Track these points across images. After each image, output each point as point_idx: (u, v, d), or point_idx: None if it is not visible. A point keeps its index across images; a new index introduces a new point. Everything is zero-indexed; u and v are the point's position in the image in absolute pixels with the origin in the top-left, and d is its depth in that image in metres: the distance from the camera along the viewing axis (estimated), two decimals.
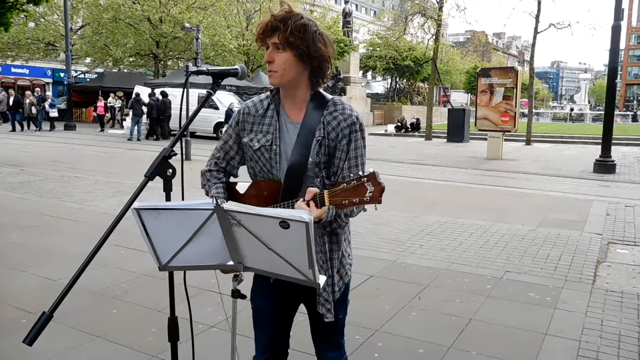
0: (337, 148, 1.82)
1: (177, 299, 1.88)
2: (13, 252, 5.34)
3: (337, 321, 2.00)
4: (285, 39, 1.72)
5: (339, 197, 1.60)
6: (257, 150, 1.85)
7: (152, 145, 18.04)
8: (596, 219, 7.39)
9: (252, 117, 1.89)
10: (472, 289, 4.48)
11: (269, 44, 1.76)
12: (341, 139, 1.81)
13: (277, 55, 1.75)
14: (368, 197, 1.57)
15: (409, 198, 8.14)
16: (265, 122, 1.87)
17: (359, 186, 1.58)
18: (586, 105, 72.84)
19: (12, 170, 11.10)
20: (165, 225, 1.52)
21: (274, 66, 1.76)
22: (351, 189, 1.58)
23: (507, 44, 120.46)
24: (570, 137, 25.12)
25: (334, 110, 1.83)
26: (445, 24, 44.52)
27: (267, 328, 2.00)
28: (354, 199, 1.58)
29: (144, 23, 29.04)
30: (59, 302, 1.37)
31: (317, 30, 1.76)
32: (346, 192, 1.59)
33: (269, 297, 1.96)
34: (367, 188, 1.57)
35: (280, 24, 1.71)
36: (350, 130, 1.82)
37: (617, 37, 13.03)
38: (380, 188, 1.56)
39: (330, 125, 1.81)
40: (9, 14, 14.19)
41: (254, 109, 1.90)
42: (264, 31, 1.74)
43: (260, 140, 1.85)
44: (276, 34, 1.73)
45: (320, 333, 2.04)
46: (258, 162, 1.86)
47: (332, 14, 39.88)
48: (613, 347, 3.42)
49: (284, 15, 1.73)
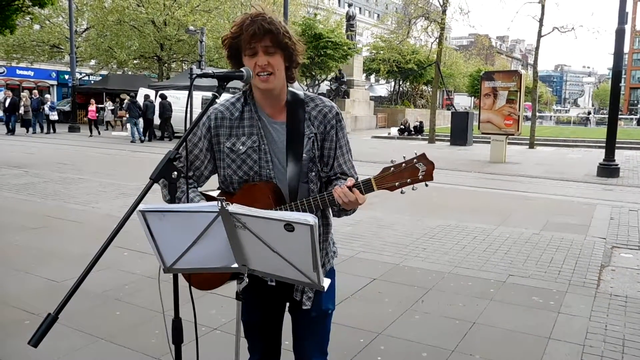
0: (326, 139, 1.88)
1: (181, 301, 1.88)
2: (17, 254, 5.35)
3: (324, 315, 1.95)
4: (279, 42, 1.71)
5: (389, 181, 1.71)
6: (244, 154, 1.81)
7: (151, 147, 18.07)
8: (600, 222, 7.37)
9: (229, 121, 1.83)
10: (475, 293, 4.48)
11: (257, 48, 1.70)
12: (329, 129, 1.88)
13: (271, 59, 1.72)
14: (422, 175, 1.71)
15: (412, 201, 8.13)
16: (245, 125, 1.82)
17: (410, 167, 1.70)
18: (584, 109, 72.69)
19: (16, 172, 11.14)
20: (170, 227, 1.52)
21: (270, 69, 1.72)
22: (403, 171, 1.70)
23: (510, 48, 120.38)
24: (573, 140, 25.06)
25: (314, 105, 1.88)
26: (449, 27, 44.57)
27: (258, 337, 2.02)
28: (407, 180, 1.71)
29: (149, 26, 29.15)
30: (64, 303, 1.38)
31: (288, 29, 1.75)
32: (396, 175, 1.71)
33: (255, 307, 1.95)
34: (419, 168, 1.70)
35: (271, 26, 1.68)
36: (336, 120, 1.90)
37: (621, 41, 13.00)
38: (432, 166, 1.71)
39: (318, 120, 1.87)
40: (14, 17, 14.28)
41: (228, 112, 1.84)
42: (254, 34, 1.67)
43: (246, 142, 1.81)
44: (267, 37, 1.69)
45: (305, 331, 1.96)
46: (242, 166, 1.82)
47: (335, 16, 39.94)
48: (617, 351, 3.41)
49: (269, 18, 1.69)
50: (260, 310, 1.97)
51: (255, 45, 1.70)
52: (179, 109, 21.33)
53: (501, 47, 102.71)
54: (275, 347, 2.08)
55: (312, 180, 1.86)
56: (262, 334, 2.02)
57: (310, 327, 1.95)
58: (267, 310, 1.99)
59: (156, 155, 13.48)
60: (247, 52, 1.72)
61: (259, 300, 1.95)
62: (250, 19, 1.69)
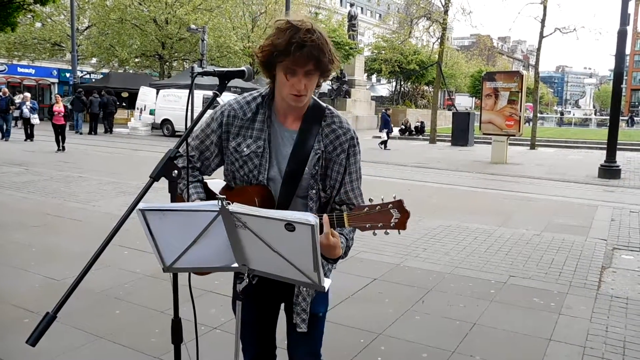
0: (335, 162, 1.82)
1: (181, 300, 1.87)
2: (16, 252, 5.35)
3: (316, 318, 1.94)
4: (322, 67, 1.68)
5: (361, 221, 1.63)
6: (246, 156, 1.80)
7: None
8: (601, 224, 7.35)
9: (240, 121, 1.82)
10: (476, 294, 4.46)
11: (298, 70, 1.66)
12: (340, 153, 1.82)
13: (309, 81, 1.69)
14: (394, 223, 1.61)
15: (412, 201, 8.04)
16: (255, 127, 1.81)
17: (385, 212, 1.61)
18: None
19: (17, 169, 11.14)
20: (170, 226, 1.51)
21: (304, 92, 1.70)
22: (376, 213, 1.61)
23: (512, 48, 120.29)
24: (574, 142, 25.04)
25: (331, 122, 1.83)
26: (451, 28, 44.50)
27: (252, 337, 2.01)
28: (378, 224, 1.62)
29: (150, 24, 29.17)
30: (62, 302, 1.37)
31: (330, 41, 1.71)
32: (370, 216, 1.62)
33: (250, 307, 1.92)
34: (393, 214, 1.61)
35: (320, 54, 1.64)
36: (349, 144, 1.83)
37: (623, 42, 12.97)
38: (407, 215, 1.61)
39: (329, 139, 1.81)
40: (16, 14, 14.29)
41: (241, 112, 1.82)
42: (299, 59, 1.62)
43: (251, 146, 1.80)
44: (311, 62, 1.65)
45: (297, 334, 1.94)
46: (243, 167, 1.81)
47: (337, 16, 39.95)
48: (618, 353, 3.40)
49: (318, 42, 1.63)
50: (257, 309, 1.97)
51: (296, 69, 1.66)
52: (180, 107, 21.35)
53: (503, 47, 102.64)
54: (270, 348, 2.08)
55: (311, 198, 1.82)
56: (257, 334, 2.02)
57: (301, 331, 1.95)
58: (261, 311, 1.98)
59: (158, 154, 13.46)
60: (287, 70, 1.67)
61: (256, 299, 1.94)
62: (299, 40, 1.61)
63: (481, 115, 17.30)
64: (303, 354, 2.00)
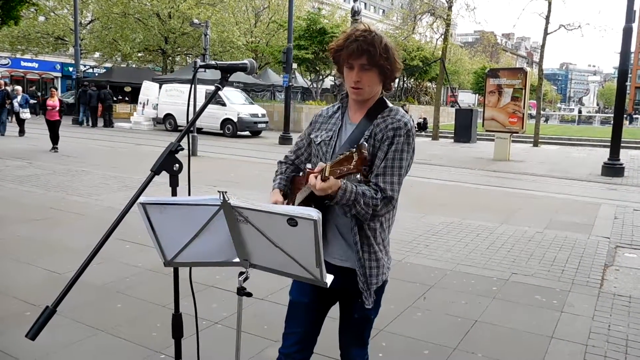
0: (380, 149, 1.89)
1: (182, 294, 1.86)
2: (19, 245, 5.35)
3: (367, 319, 2.14)
4: (375, 62, 1.84)
5: (334, 167, 1.64)
6: (318, 145, 2.05)
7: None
8: (604, 222, 7.33)
9: (322, 118, 2.12)
10: (478, 291, 4.45)
11: (354, 64, 1.86)
12: (384, 139, 1.89)
13: (365, 75, 1.87)
14: (352, 166, 1.58)
15: (415, 198, 8.10)
16: (331, 122, 2.07)
17: (349, 156, 1.60)
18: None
19: (20, 163, 11.15)
20: (171, 220, 1.50)
21: (361, 84, 1.88)
22: (343, 159, 1.62)
23: (516, 45, 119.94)
24: (578, 139, 24.98)
25: (387, 116, 1.94)
26: (454, 24, 44.39)
27: (303, 319, 2.08)
28: (344, 168, 1.61)
29: (153, 18, 29.13)
30: (62, 296, 1.36)
31: (394, 48, 1.88)
32: (339, 163, 1.62)
33: (310, 290, 2.02)
34: (353, 157, 1.58)
35: (369, 47, 1.82)
36: (395, 133, 1.89)
37: (629, 39, 12.90)
38: (362, 157, 1.57)
39: (379, 127, 1.91)
40: (19, 7, 14.29)
41: (326, 112, 2.14)
42: (352, 52, 1.83)
43: (322, 135, 2.05)
44: (364, 56, 1.83)
45: (350, 328, 2.14)
46: (317, 154, 2.06)
47: (340, 12, 39.82)
48: (620, 352, 3.39)
49: (370, 38, 1.83)
50: (314, 294, 2.03)
51: (353, 63, 1.87)
52: (183, 102, 21.33)
53: (506, 44, 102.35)
54: (313, 339, 2.12)
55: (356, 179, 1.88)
56: (306, 318, 2.07)
57: (354, 327, 2.16)
58: (319, 296, 2.04)
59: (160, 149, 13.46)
60: (346, 65, 1.90)
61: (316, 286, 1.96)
62: (354, 36, 1.84)
63: (484, 112, 17.24)
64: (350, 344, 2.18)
